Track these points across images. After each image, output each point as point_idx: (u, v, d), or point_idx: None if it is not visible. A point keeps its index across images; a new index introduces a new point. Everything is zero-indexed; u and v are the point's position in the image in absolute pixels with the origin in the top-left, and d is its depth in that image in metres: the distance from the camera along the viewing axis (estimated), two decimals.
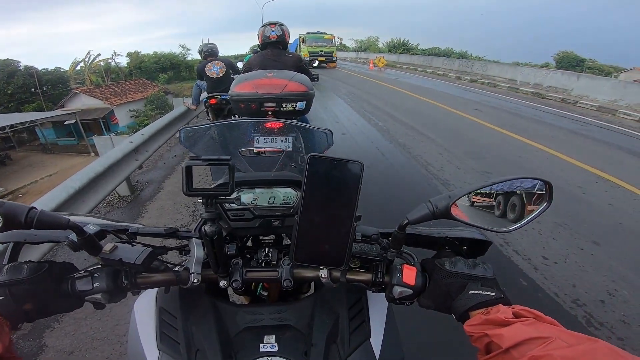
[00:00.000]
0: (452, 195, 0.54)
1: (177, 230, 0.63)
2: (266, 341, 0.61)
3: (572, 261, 2.73)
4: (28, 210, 0.48)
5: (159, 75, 30.07)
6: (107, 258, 0.55)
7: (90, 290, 0.54)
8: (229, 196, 0.55)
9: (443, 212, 0.54)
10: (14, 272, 0.51)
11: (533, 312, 0.47)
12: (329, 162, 0.52)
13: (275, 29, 3.15)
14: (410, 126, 6.91)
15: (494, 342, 0.45)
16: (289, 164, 0.96)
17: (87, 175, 2.84)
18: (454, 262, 0.57)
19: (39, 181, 16.44)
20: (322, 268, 0.60)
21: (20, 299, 0.50)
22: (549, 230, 3.15)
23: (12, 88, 23.91)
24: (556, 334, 0.41)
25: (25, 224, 0.47)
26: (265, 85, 2.19)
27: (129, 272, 0.57)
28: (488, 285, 0.53)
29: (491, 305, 0.50)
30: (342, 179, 0.53)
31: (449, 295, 0.55)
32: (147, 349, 0.60)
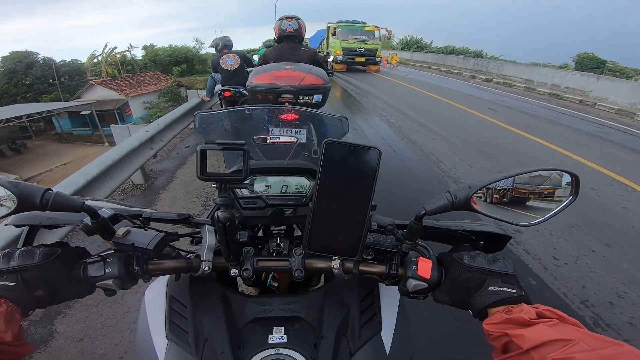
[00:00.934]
0: (472, 186, 0.52)
1: (190, 216, 0.62)
2: (275, 332, 0.60)
3: (583, 262, 2.70)
4: (44, 191, 0.47)
5: (172, 68, 30.37)
6: (120, 242, 0.56)
7: (102, 276, 0.54)
8: (242, 182, 0.55)
9: (462, 203, 0.52)
10: (26, 256, 0.51)
11: (556, 312, 0.45)
12: (345, 148, 0.51)
13: (291, 22, 3.18)
14: (422, 124, 6.85)
15: (514, 342, 0.43)
16: (303, 152, 0.95)
17: (105, 163, 2.91)
18: (473, 257, 0.54)
19: (53, 169, 16.81)
20: (334, 258, 0.59)
21: (32, 285, 0.49)
22: (561, 231, 3.11)
23: (30, 79, 24.45)
24: (579, 336, 0.39)
25: (40, 205, 0.47)
26: (283, 77, 2.23)
27: (141, 258, 0.57)
28: (508, 282, 0.51)
29: (512, 303, 0.49)
30: (358, 165, 0.51)
31: (467, 291, 0.53)
32: (155, 338, 0.59)
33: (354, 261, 0.59)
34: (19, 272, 0.49)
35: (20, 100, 23.46)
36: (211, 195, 3.59)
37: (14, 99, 23.61)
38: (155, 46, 34.27)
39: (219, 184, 0.55)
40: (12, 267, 0.49)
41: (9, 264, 0.50)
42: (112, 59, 30.62)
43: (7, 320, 0.45)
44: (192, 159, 4.93)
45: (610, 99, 10.86)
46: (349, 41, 16.67)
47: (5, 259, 0.50)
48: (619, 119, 9.14)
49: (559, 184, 0.56)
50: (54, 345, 1.92)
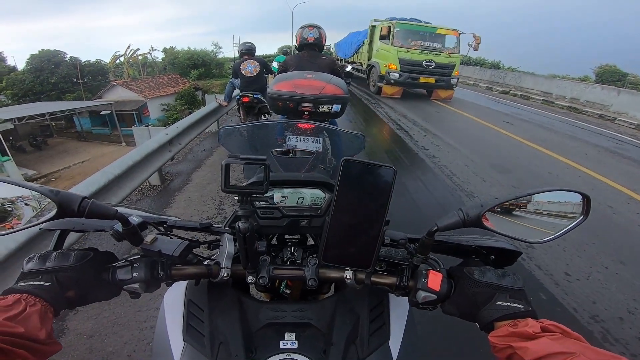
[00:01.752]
0: (484, 204, 0.54)
1: (211, 225, 0.65)
2: (287, 338, 0.62)
3: (595, 279, 2.67)
4: (81, 200, 0.50)
5: (190, 71, 31.04)
6: (148, 249, 0.59)
7: (129, 280, 0.57)
8: (263, 194, 0.57)
9: (474, 220, 0.54)
10: (62, 259, 0.53)
11: (560, 327, 0.47)
12: (362, 166, 0.53)
13: (313, 31, 3.24)
14: (434, 134, 6.83)
15: (518, 355, 0.45)
16: (319, 165, 0.97)
17: (126, 163, 3.02)
18: (483, 272, 0.56)
19: (71, 167, 17.29)
20: (347, 269, 0.61)
21: (65, 286, 0.52)
22: (574, 247, 3.07)
23: (56, 77, 25.35)
24: (581, 350, 0.41)
25: (77, 212, 0.49)
26: (304, 86, 2.24)
27: (165, 264, 0.60)
28: (516, 297, 0.53)
29: (519, 317, 0.50)
30: (374, 183, 0.54)
31: (475, 305, 0.55)
32: (172, 340, 0.62)
33: (367, 272, 0.61)
34: (54, 272, 0.52)
35: (44, 98, 24.30)
36: (225, 200, 3.66)
37: (38, 96, 24.48)
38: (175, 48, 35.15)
39: (241, 196, 0.58)
40: (48, 267, 0.52)
41: (44, 265, 0.52)
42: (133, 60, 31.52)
43: (42, 318, 0.47)
44: (208, 162, 5.05)
45: (631, 113, 10.62)
46: (412, 50, 10.58)
47: (41, 260, 0.53)
48: (638, 134, 8.92)
49: (571, 203, 0.58)
50: (64, 341, 1.94)
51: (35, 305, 0.47)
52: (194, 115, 5.18)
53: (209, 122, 5.79)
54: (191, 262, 0.63)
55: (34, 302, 0.47)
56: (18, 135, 19.10)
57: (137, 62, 31.08)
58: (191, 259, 0.64)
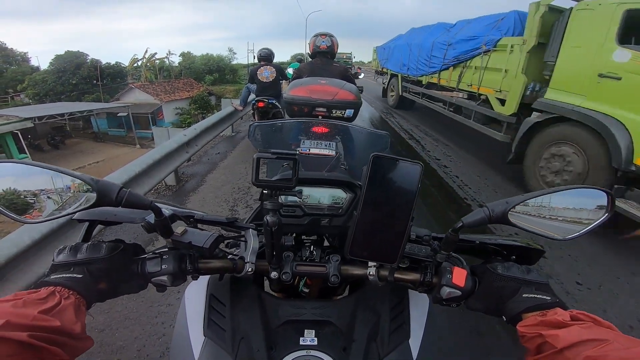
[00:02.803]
0: (509, 201, 0.55)
1: (237, 220, 0.67)
2: (306, 335, 0.62)
3: (607, 288, 2.65)
4: (120, 189, 0.50)
5: (205, 76, 31.67)
6: (178, 240, 0.59)
7: (157, 272, 0.57)
8: (292, 189, 0.58)
9: (499, 217, 0.54)
10: (93, 250, 0.53)
11: (591, 316, 0.46)
12: (391, 161, 0.54)
13: (325, 39, 3.34)
14: (445, 144, 6.82)
15: (548, 343, 0.45)
16: (340, 165, 0.98)
17: (146, 162, 3.13)
18: (507, 267, 0.57)
19: (86, 167, 17.66)
20: (370, 266, 0.62)
21: (97, 278, 0.52)
22: (587, 257, 3.03)
23: (77, 79, 26.09)
24: (613, 337, 0.41)
25: (115, 201, 0.50)
26: (318, 91, 2.33)
27: (193, 257, 0.60)
28: (542, 290, 0.54)
29: (547, 308, 0.50)
30: (401, 179, 0.54)
31: (501, 299, 0.55)
32: (193, 335, 0.62)
33: (390, 268, 0.62)
34: (86, 264, 0.52)
35: (64, 98, 24.96)
36: (238, 201, 3.74)
37: (59, 97, 25.18)
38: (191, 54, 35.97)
39: (270, 190, 0.58)
40: (80, 259, 0.52)
41: (76, 256, 0.52)
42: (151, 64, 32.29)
43: (76, 311, 0.46)
44: (222, 164, 5.15)
45: None
46: None
47: (72, 252, 0.53)
48: None
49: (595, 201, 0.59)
50: None
51: (69, 298, 0.46)
52: (211, 119, 5.33)
53: (224, 126, 5.93)
54: (217, 256, 0.64)
55: (67, 295, 0.46)
56: (37, 134, 19.64)
57: (155, 66, 31.84)
58: (217, 253, 0.64)
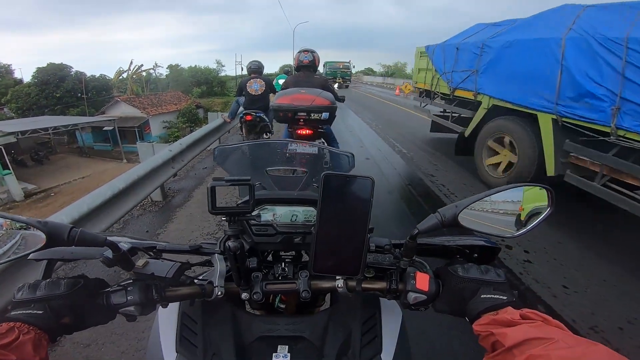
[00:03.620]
0: (458, 205, 0.58)
1: (201, 247, 0.69)
2: (279, 350, 0.63)
3: (594, 291, 2.67)
4: (70, 229, 0.51)
5: (193, 89, 31.62)
6: (140, 272, 0.60)
7: (124, 303, 0.57)
8: (249, 214, 0.60)
9: (451, 221, 0.57)
10: (52, 287, 0.54)
11: (541, 315, 0.48)
12: (342, 179, 0.56)
13: (307, 55, 3.81)
14: (431, 152, 6.93)
15: (499, 341, 0.46)
16: (312, 184, 1.00)
17: (131, 178, 3.09)
18: (467, 269, 0.59)
19: (72, 182, 17.26)
20: (338, 278, 0.64)
21: (59, 313, 0.52)
22: (572, 261, 3.08)
23: (61, 91, 25.66)
24: (559, 336, 0.42)
25: (67, 241, 0.51)
26: (299, 99, 2.97)
27: (159, 286, 0.60)
28: (500, 290, 0.56)
29: (501, 307, 0.53)
30: (355, 194, 0.57)
31: (462, 300, 0.57)
32: (165, 351, 0.64)
33: (357, 279, 0.64)
34: (46, 301, 0.52)
35: (48, 112, 24.52)
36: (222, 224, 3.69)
37: (42, 110, 24.70)
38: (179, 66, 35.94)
39: (229, 216, 0.60)
40: (39, 296, 0.52)
41: (35, 294, 0.53)
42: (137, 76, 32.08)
43: (35, 346, 0.47)
44: (209, 179, 5.05)
45: None
46: None
47: (31, 290, 0.53)
48: None
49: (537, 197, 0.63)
50: (60, 350, 1.94)
51: (29, 333, 0.47)
52: (197, 133, 5.30)
53: (212, 140, 5.91)
54: (184, 283, 0.64)
55: (27, 330, 0.47)
56: (20, 149, 19.19)
57: (141, 78, 31.65)
58: (184, 280, 0.64)
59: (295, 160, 1.06)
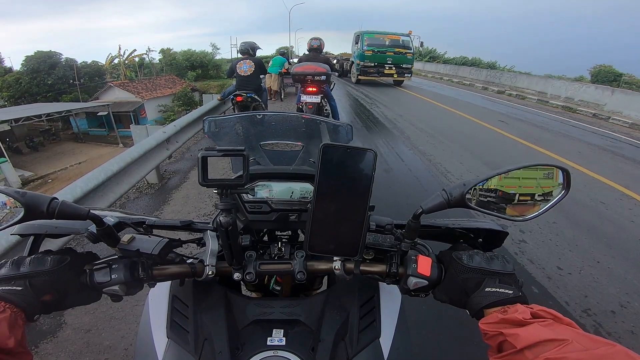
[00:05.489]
0: (466, 183, 0.53)
1: (192, 222, 0.64)
2: (274, 335, 0.61)
3: (587, 273, 2.71)
4: (50, 200, 0.48)
5: (187, 72, 31.04)
6: (125, 249, 0.56)
7: (107, 282, 0.54)
8: (243, 187, 0.55)
9: (458, 200, 0.52)
10: (37, 263, 0.51)
11: (551, 312, 0.45)
12: (342, 150, 0.52)
13: (316, 41, 5.81)
14: (431, 134, 6.91)
15: (509, 342, 0.44)
16: (308, 159, 0.95)
17: (124, 160, 3.04)
18: (472, 256, 0.55)
19: (68, 168, 17.23)
20: (335, 259, 0.60)
21: (40, 290, 0.50)
22: (567, 242, 3.13)
23: (52, 79, 25.24)
24: (573, 336, 0.40)
25: (47, 214, 0.47)
26: (307, 68, 5.08)
27: (146, 264, 0.57)
28: (506, 282, 0.52)
29: (508, 304, 0.49)
30: (355, 167, 0.53)
31: (465, 292, 0.54)
32: (156, 337, 0.61)
33: (355, 261, 0.60)
34: (27, 278, 0.49)
35: (40, 99, 24.18)
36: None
37: (35, 98, 24.36)
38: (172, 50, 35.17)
39: (221, 189, 0.55)
40: (22, 273, 0.49)
41: (19, 270, 0.50)
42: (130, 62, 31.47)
43: (11, 325, 0.44)
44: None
45: (625, 112, 10.74)
46: None
47: (15, 266, 0.50)
48: (633, 133, 9.04)
49: (552, 178, 0.57)
50: (61, 335, 1.96)
51: (4, 312, 0.45)
52: (192, 115, 5.22)
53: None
54: (173, 261, 0.61)
55: (3, 309, 0.45)
56: (14, 137, 19.04)
57: (134, 64, 31.02)
58: (173, 258, 0.62)
59: (291, 134, 1.00)
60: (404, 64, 15.04)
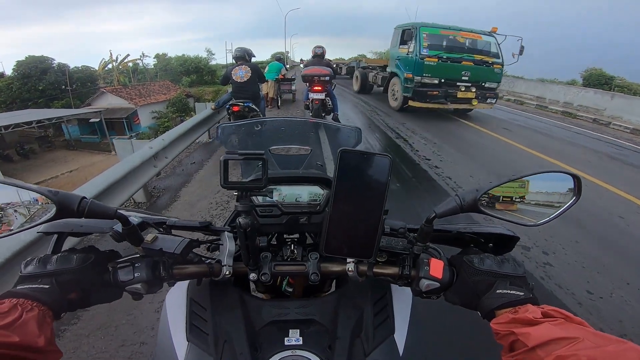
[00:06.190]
0: (479, 189, 0.55)
1: (210, 224, 0.66)
2: (291, 335, 0.61)
3: (618, 296, 2.51)
4: (80, 200, 0.49)
5: (182, 78, 30.72)
6: (149, 248, 0.57)
7: (130, 280, 0.55)
8: (262, 190, 0.57)
9: (471, 205, 0.54)
10: (63, 261, 0.52)
11: (562, 312, 0.46)
12: (359, 155, 0.54)
13: (319, 48, 6.81)
14: (429, 139, 6.65)
15: (520, 341, 0.45)
16: (316, 163, 0.97)
17: (107, 181, 2.77)
18: (483, 259, 0.56)
19: (59, 176, 16.86)
20: (349, 261, 0.61)
21: (67, 288, 0.51)
22: (593, 262, 2.90)
23: (43, 84, 24.86)
24: (584, 334, 0.40)
25: (77, 212, 0.48)
26: (314, 70, 6.12)
27: (167, 263, 0.58)
28: (517, 284, 0.53)
29: (519, 305, 0.50)
30: (371, 172, 0.54)
31: (476, 294, 0.55)
32: (176, 340, 0.61)
33: (368, 263, 0.61)
34: (54, 275, 0.51)
35: (32, 105, 23.80)
36: (216, 218, 3.40)
37: (26, 104, 23.96)
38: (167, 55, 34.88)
39: (240, 192, 0.57)
40: (48, 271, 0.51)
41: (45, 268, 0.51)
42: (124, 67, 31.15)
43: (40, 324, 0.45)
44: (197, 176, 4.76)
45: (625, 117, 10.61)
46: None
47: (41, 264, 0.52)
48: (635, 139, 8.88)
49: (563, 185, 0.58)
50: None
51: (33, 310, 0.45)
52: (183, 126, 4.89)
53: (200, 132, 5.53)
54: (192, 261, 0.63)
55: (30, 307, 0.45)
56: (5, 144, 18.59)
57: (128, 69, 30.66)
58: (192, 257, 0.63)
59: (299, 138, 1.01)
60: (489, 81, 8.77)
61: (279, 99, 9.90)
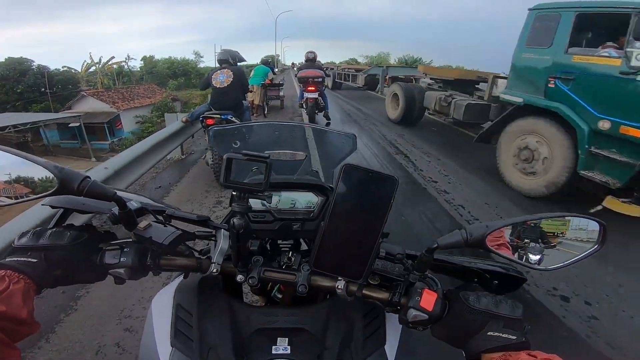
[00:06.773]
0: (489, 225, 0.52)
1: (209, 219, 0.64)
2: (279, 343, 0.60)
3: None
4: (82, 179, 0.50)
5: (169, 81, 29.94)
6: (140, 235, 0.57)
7: (115, 264, 0.56)
8: (262, 193, 0.57)
9: (477, 241, 0.51)
10: (56, 237, 0.53)
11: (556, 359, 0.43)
12: (364, 173, 0.52)
13: (311, 53, 7.38)
14: (427, 151, 6.15)
15: None
16: (310, 169, 0.97)
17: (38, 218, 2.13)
18: (479, 298, 0.52)
19: None
20: (339, 279, 0.59)
21: (54, 264, 0.52)
22: None
23: (22, 87, 23.91)
24: None
25: (77, 191, 0.49)
26: (308, 73, 6.98)
27: (155, 252, 0.58)
28: (511, 327, 0.49)
29: (511, 350, 0.47)
30: (374, 192, 0.52)
31: (465, 333, 0.51)
32: (160, 345, 0.59)
33: (359, 284, 0.59)
34: (43, 250, 0.52)
35: (9, 108, 22.83)
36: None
37: (3, 107, 22.96)
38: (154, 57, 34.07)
39: (239, 192, 0.57)
40: (40, 245, 0.52)
41: (37, 241, 0.52)
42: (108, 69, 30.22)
43: (24, 296, 0.46)
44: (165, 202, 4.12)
45: None
46: None
47: (34, 237, 0.53)
48: None
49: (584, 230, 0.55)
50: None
51: (19, 282, 0.46)
52: (147, 141, 4.18)
53: (170, 148, 4.86)
54: (182, 253, 0.63)
55: (17, 279, 0.46)
56: None
57: (112, 72, 29.74)
58: (183, 250, 0.64)
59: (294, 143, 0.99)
60: None
61: (265, 106, 9.27)
